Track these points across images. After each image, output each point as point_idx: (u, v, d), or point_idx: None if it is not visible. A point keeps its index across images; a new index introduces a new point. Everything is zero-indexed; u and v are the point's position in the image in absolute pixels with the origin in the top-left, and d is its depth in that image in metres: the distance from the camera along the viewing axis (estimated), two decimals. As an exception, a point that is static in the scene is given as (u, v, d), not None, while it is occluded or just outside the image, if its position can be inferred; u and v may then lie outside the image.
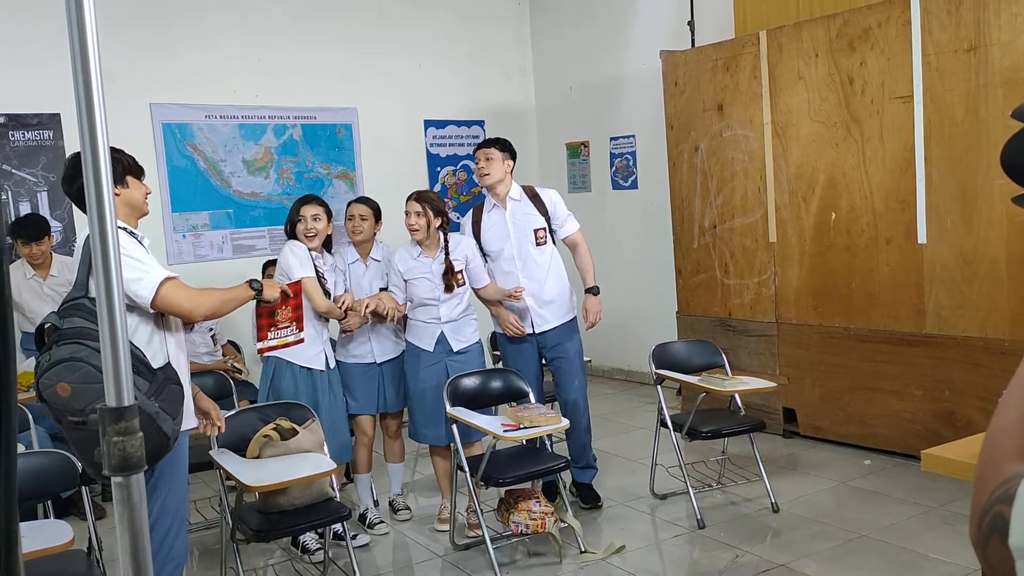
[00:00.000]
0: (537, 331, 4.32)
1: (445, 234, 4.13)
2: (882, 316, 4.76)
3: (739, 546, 3.81)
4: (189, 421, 2.90)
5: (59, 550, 2.72)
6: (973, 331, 4.37)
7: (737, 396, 4.36)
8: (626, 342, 7.10)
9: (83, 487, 3.12)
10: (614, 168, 7.24)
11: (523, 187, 4.39)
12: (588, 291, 4.40)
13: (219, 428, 3.14)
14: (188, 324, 2.88)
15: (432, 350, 4.10)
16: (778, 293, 5.27)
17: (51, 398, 2.52)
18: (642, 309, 6.92)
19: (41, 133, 5.54)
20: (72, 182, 2.79)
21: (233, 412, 3.64)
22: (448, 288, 4.06)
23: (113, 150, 2.87)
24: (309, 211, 4.00)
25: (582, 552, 3.81)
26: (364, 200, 4.35)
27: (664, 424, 4.36)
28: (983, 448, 0.78)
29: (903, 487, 4.34)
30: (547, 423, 3.66)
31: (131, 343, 2.57)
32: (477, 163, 4.33)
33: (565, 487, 4.10)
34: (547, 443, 4.10)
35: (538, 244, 4.29)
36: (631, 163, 7.08)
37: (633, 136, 7.02)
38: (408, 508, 4.44)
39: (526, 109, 7.87)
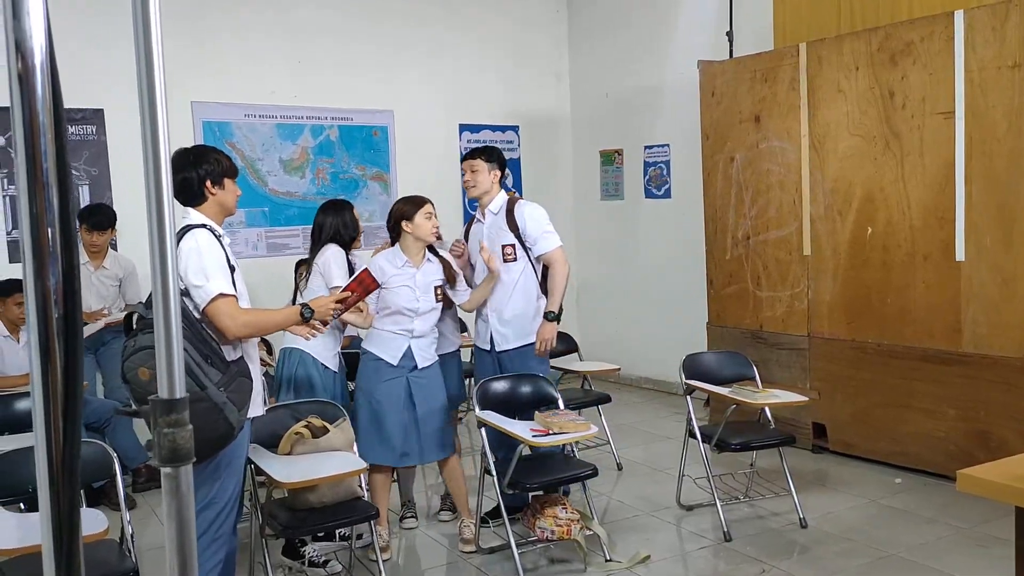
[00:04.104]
0: (497, 349, 4.16)
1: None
2: (916, 333, 4.70)
3: (766, 560, 3.78)
4: (255, 410, 3.04)
5: (94, 539, 2.76)
6: (1010, 351, 4.30)
7: (767, 409, 4.33)
8: (655, 351, 7.08)
9: (118, 477, 3.16)
10: (648, 177, 7.22)
11: (508, 199, 4.20)
12: (545, 315, 4.12)
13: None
14: None
15: (396, 364, 3.87)
16: (811, 307, 5.22)
17: (133, 380, 2.68)
18: (672, 318, 6.89)
19: (84, 128, 5.64)
20: (176, 173, 2.84)
21: (265, 409, 3.67)
22: (450, 283, 3.98)
23: (214, 150, 2.92)
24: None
25: (607, 561, 3.80)
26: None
27: (693, 435, 4.34)
28: None
29: (934, 506, 4.28)
30: (576, 430, 3.66)
31: (210, 335, 2.78)
32: (464, 175, 4.23)
33: (591, 500, 4.09)
34: (573, 449, 4.10)
35: (505, 260, 4.09)
36: (665, 172, 7.06)
37: (668, 145, 7.00)
38: (453, 509, 4.37)
39: (561, 115, 7.88)
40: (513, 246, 4.11)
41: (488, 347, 4.20)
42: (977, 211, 4.40)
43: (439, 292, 3.95)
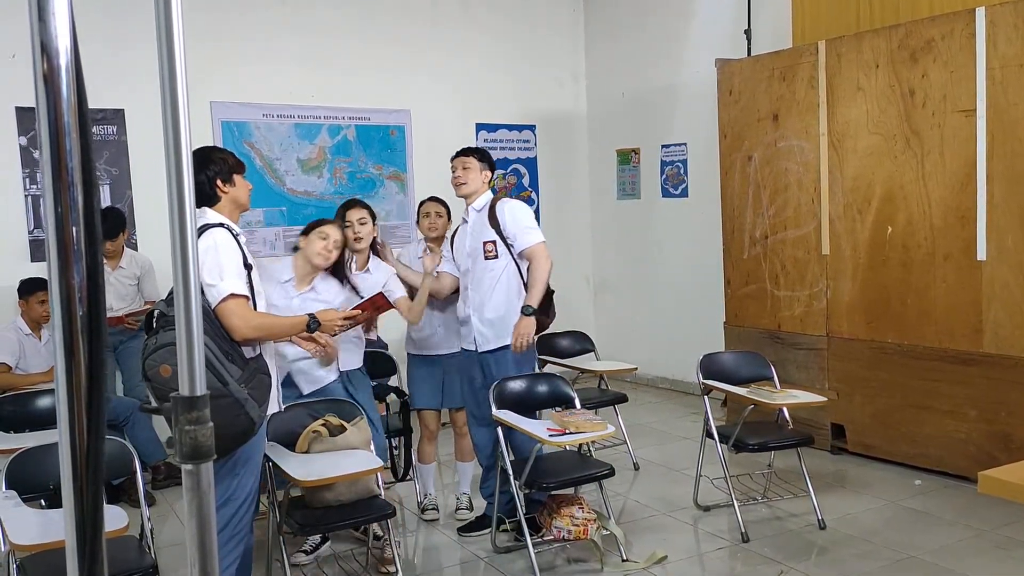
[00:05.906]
0: (479, 350, 4.04)
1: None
2: (937, 333, 4.66)
3: (783, 562, 3.76)
4: (271, 407, 3.07)
5: (114, 536, 2.78)
6: (1032, 352, 4.26)
7: (785, 410, 4.31)
8: (671, 351, 7.06)
9: (139, 474, 3.19)
10: (664, 176, 7.20)
11: (492, 198, 4.10)
12: (521, 310, 3.95)
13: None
14: None
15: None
16: (829, 306, 5.19)
17: (154, 377, 2.72)
18: (689, 318, 6.87)
19: (105, 128, 5.68)
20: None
21: (282, 407, 3.69)
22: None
23: (218, 149, 2.96)
24: (355, 215, 4.06)
25: (624, 561, 3.79)
26: (437, 199, 4.47)
27: (710, 435, 4.32)
28: None
29: (954, 509, 4.24)
30: (593, 429, 3.66)
31: (229, 335, 2.82)
32: (454, 171, 4.08)
33: (607, 500, 4.09)
34: (590, 449, 4.09)
35: (486, 258, 3.99)
36: (682, 171, 7.04)
37: (685, 144, 6.97)
38: (471, 508, 4.43)
39: (577, 115, 7.87)
40: (494, 243, 3.99)
41: (472, 347, 4.09)
42: (999, 210, 4.36)
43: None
